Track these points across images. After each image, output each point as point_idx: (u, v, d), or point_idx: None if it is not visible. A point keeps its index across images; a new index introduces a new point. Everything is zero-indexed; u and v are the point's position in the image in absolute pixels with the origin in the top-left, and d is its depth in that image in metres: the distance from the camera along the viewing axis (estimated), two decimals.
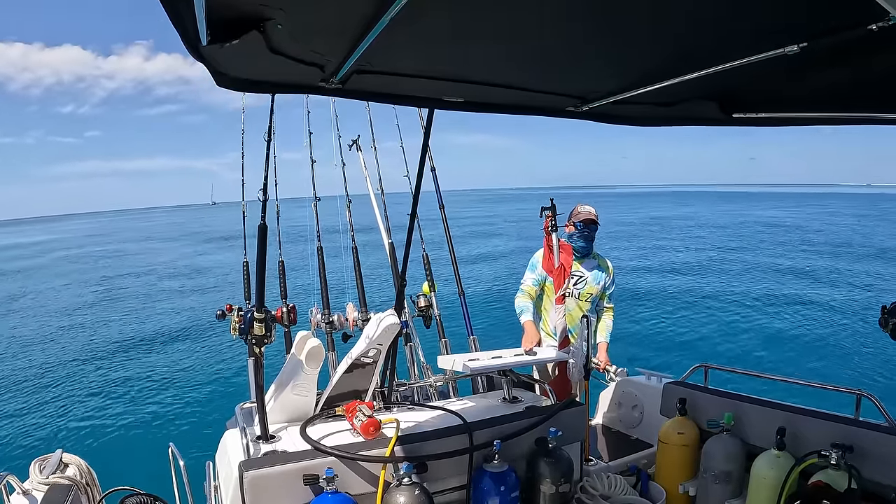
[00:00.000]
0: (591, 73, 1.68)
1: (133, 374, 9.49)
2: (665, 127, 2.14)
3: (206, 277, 20.75)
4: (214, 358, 10.15)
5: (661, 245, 27.02)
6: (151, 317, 14.11)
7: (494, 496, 2.05)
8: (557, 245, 2.96)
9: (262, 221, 2.12)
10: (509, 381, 2.74)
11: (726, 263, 20.94)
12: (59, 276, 22.65)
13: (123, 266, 25.36)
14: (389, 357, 2.48)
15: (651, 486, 2.59)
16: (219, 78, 1.45)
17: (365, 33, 1.22)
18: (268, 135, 2.27)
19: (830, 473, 1.97)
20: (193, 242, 37.35)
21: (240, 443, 2.10)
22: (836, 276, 18.10)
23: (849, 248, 24.83)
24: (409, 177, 3.74)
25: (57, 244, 43.67)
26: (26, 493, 1.97)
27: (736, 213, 49.05)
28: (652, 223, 40.12)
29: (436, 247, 3.96)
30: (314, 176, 3.90)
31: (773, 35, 1.29)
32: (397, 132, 4.14)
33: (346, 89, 1.62)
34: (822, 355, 9.88)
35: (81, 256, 30.96)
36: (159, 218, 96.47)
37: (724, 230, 34.48)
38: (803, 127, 1.96)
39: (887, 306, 2.06)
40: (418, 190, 2.49)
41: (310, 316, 3.39)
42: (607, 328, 3.94)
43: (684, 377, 3.02)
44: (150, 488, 2.31)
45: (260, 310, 2.11)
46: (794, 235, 31.06)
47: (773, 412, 2.37)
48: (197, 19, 1.06)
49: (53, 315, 14.68)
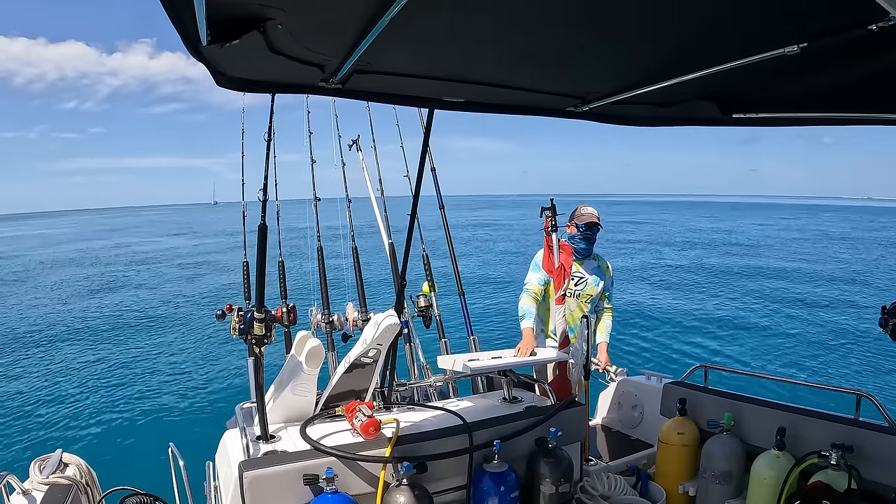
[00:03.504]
0: (591, 74, 1.67)
1: (133, 374, 9.48)
2: (665, 127, 2.14)
3: (206, 277, 20.75)
4: (214, 358, 10.14)
5: (662, 246, 27.04)
6: (151, 316, 14.10)
7: (494, 496, 2.05)
8: (557, 245, 2.96)
9: (263, 221, 2.13)
10: (509, 381, 2.74)
11: (726, 264, 20.96)
12: (59, 275, 22.63)
13: (122, 265, 25.35)
14: (389, 357, 2.48)
15: (651, 486, 2.59)
16: (219, 78, 1.45)
17: (365, 33, 1.22)
18: (268, 135, 2.27)
19: (830, 473, 1.97)
20: (194, 241, 37.37)
21: (240, 443, 2.11)
22: (837, 275, 18.10)
23: (849, 249, 24.82)
24: (409, 177, 3.74)
25: (56, 240, 43.65)
26: (26, 493, 1.97)
27: (737, 221, 49.16)
28: (656, 229, 40.19)
29: (436, 247, 3.96)
30: (314, 176, 3.90)
31: (773, 35, 1.29)
32: (397, 132, 4.15)
33: (346, 89, 1.63)
34: (822, 355, 9.87)
35: (81, 254, 30.94)
36: (160, 216, 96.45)
37: (726, 235, 34.54)
38: (804, 138, 1.96)
39: (887, 306, 2.06)
40: (418, 190, 2.49)
41: (310, 316, 3.39)
42: (607, 328, 3.94)
43: (684, 377, 3.02)
44: (150, 488, 2.32)
45: (260, 310, 2.12)
46: (795, 239, 31.08)
47: (773, 412, 2.37)
48: (197, 19, 1.06)
49: (53, 315, 14.68)
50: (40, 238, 46.87)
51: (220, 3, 1.06)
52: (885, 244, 28.99)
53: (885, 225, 48.43)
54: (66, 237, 47.12)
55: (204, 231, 48.01)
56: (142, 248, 33.45)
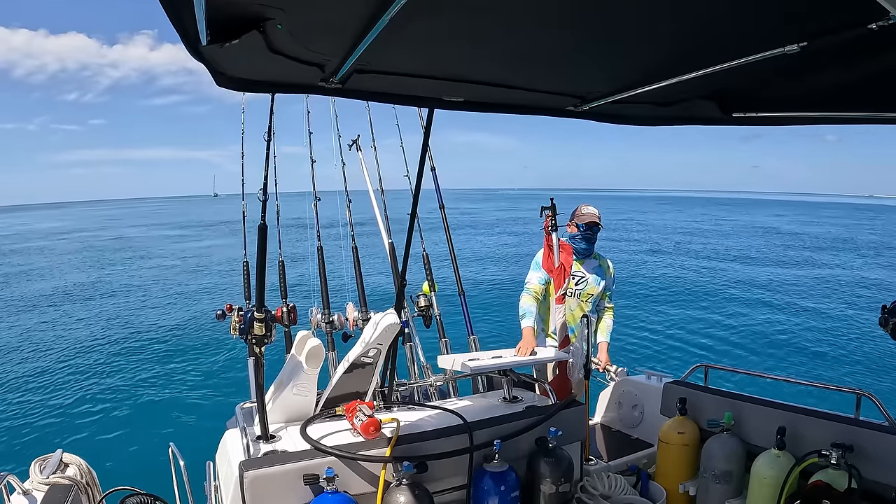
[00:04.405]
0: (591, 73, 1.67)
1: (133, 374, 9.48)
2: (665, 127, 2.14)
3: (206, 277, 20.75)
4: (214, 358, 10.14)
5: (662, 247, 27.04)
6: (151, 316, 14.10)
7: (494, 496, 2.05)
8: (557, 245, 2.96)
9: (263, 222, 2.12)
10: (509, 380, 2.74)
11: (727, 263, 20.95)
12: (59, 271, 22.62)
13: (122, 263, 25.32)
14: (389, 357, 2.48)
15: (651, 485, 2.59)
16: (219, 78, 1.46)
17: (365, 33, 1.22)
18: (267, 135, 2.27)
19: (830, 473, 1.97)
20: (195, 236, 37.30)
21: (240, 443, 2.11)
22: (836, 276, 18.10)
23: (849, 250, 24.83)
24: (409, 176, 3.74)
25: (58, 233, 43.53)
26: (26, 493, 1.98)
27: (737, 219, 49.12)
28: (657, 226, 40.18)
29: (436, 247, 3.96)
30: (314, 175, 3.90)
31: (773, 35, 1.29)
32: (397, 132, 4.14)
33: (346, 89, 1.63)
34: (822, 355, 9.87)
35: (80, 250, 30.88)
36: (160, 209, 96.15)
37: (726, 234, 34.55)
38: (805, 135, 1.96)
39: (887, 306, 2.06)
40: (418, 189, 2.49)
41: (310, 316, 3.39)
42: (608, 328, 3.94)
43: (684, 377, 3.02)
44: (150, 488, 2.32)
45: (260, 309, 2.12)
46: (795, 239, 31.09)
47: (773, 412, 2.37)
48: (197, 19, 1.06)
49: (52, 315, 14.68)
50: (41, 231, 46.76)
51: (219, 3, 1.06)
52: (885, 243, 29.00)
53: (886, 223, 48.45)
54: (65, 229, 46.96)
55: (205, 223, 47.81)
56: (140, 244, 33.38)
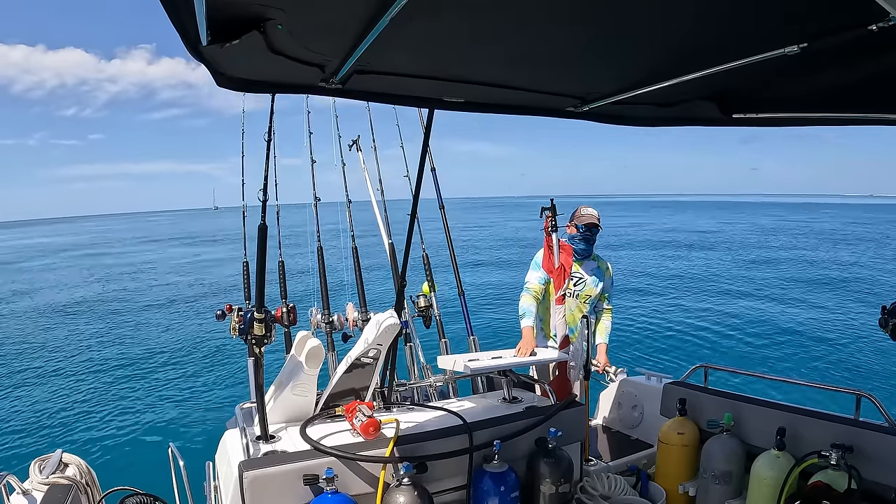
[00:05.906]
0: (591, 74, 1.68)
1: (133, 374, 9.48)
2: (665, 127, 2.14)
3: (206, 277, 20.75)
4: (214, 358, 10.15)
5: (662, 247, 27.04)
6: (151, 316, 14.11)
7: (494, 496, 2.05)
8: (557, 245, 2.96)
9: (262, 221, 2.12)
10: (509, 381, 2.74)
11: (726, 263, 20.95)
12: (60, 278, 22.64)
13: (123, 268, 25.35)
14: (389, 357, 2.48)
15: (651, 486, 2.59)
16: (219, 78, 1.46)
17: (365, 33, 1.22)
18: (268, 135, 2.27)
19: (830, 474, 1.97)
20: (194, 245, 37.33)
21: (240, 443, 2.11)
22: (836, 276, 18.10)
23: (849, 250, 24.83)
24: (409, 177, 3.74)
25: (59, 245, 43.65)
26: (26, 493, 1.97)
27: (737, 221, 49.14)
28: (656, 228, 40.19)
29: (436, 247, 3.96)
30: (314, 176, 3.90)
31: (773, 35, 1.29)
32: (398, 133, 4.14)
33: (346, 89, 1.63)
34: (822, 355, 9.87)
35: (82, 258, 30.94)
36: (162, 223, 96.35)
37: (726, 234, 34.54)
38: (806, 135, 1.96)
39: (887, 306, 2.06)
40: (418, 190, 2.49)
41: (310, 316, 3.39)
42: (606, 329, 3.94)
43: (684, 377, 3.02)
44: (150, 488, 2.32)
45: (260, 310, 2.12)
46: (795, 237, 31.09)
47: (773, 412, 2.37)
48: (197, 19, 1.06)
49: (52, 316, 14.68)
50: (41, 246, 46.83)
51: (220, 3, 1.06)
52: (885, 242, 28.98)
53: (886, 222, 48.44)
54: (67, 244, 47.07)
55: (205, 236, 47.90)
56: (141, 251, 33.43)
